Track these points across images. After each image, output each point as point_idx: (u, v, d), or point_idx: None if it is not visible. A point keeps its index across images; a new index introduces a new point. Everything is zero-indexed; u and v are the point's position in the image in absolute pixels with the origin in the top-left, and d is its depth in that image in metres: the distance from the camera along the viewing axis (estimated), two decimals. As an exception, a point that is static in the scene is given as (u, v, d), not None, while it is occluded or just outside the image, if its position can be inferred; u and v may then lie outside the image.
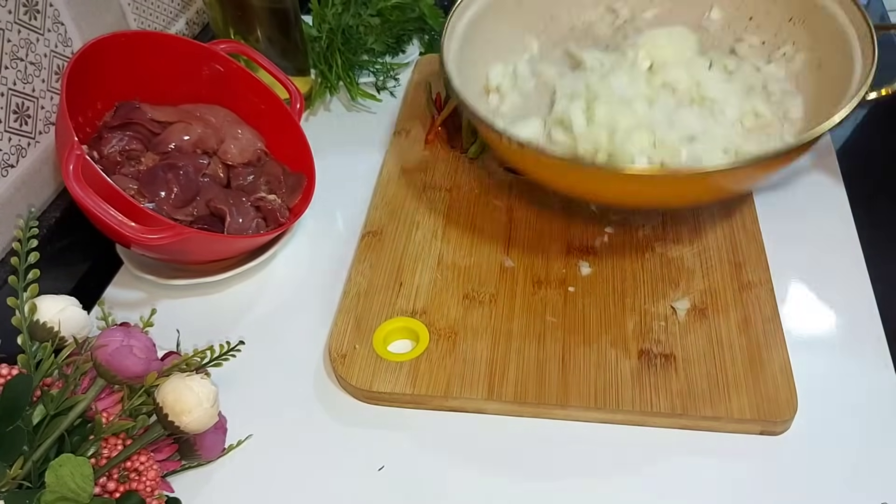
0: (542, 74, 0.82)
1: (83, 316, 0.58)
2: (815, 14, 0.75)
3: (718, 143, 0.71)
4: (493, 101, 0.80)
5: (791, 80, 0.77)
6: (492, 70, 0.80)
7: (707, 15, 0.84)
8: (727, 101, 0.75)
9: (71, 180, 0.61)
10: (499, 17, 0.80)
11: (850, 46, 0.70)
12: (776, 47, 0.80)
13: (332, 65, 0.93)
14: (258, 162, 0.79)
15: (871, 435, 0.59)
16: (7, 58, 0.67)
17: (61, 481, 0.48)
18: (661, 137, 0.70)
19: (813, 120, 0.71)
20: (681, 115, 0.73)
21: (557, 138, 0.74)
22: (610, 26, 0.86)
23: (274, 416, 0.63)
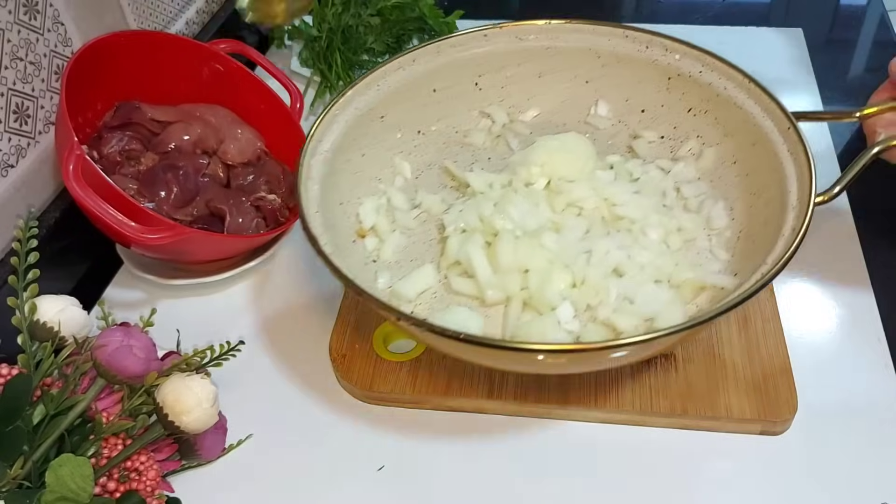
0: (422, 203, 0.71)
1: (83, 316, 0.58)
2: (720, 105, 0.66)
3: (648, 273, 0.61)
4: (370, 245, 0.68)
5: (704, 180, 0.68)
6: (362, 208, 0.69)
7: (593, 111, 0.75)
8: (647, 220, 0.65)
9: (71, 180, 0.61)
10: (360, 143, 0.69)
11: (772, 142, 0.61)
12: (679, 142, 0.70)
13: (331, 64, 0.93)
14: (258, 162, 0.79)
15: (871, 435, 0.59)
16: (7, 58, 0.67)
17: (61, 481, 0.48)
18: (581, 275, 0.61)
19: (742, 227, 0.63)
20: (598, 244, 0.63)
21: (459, 287, 0.64)
22: (488, 134, 0.76)
23: (274, 416, 0.63)
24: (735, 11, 1.11)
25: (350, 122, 0.68)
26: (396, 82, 0.71)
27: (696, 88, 0.68)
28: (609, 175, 0.70)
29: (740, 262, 0.61)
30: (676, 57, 0.68)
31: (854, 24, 1.09)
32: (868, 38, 1.05)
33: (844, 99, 0.91)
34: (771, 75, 0.94)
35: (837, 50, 1.02)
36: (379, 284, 0.65)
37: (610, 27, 0.70)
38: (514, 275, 0.62)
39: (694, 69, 0.67)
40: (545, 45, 0.72)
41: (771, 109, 0.62)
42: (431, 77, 0.73)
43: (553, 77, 0.74)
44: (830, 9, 1.13)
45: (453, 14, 0.99)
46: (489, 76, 0.75)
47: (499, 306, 0.63)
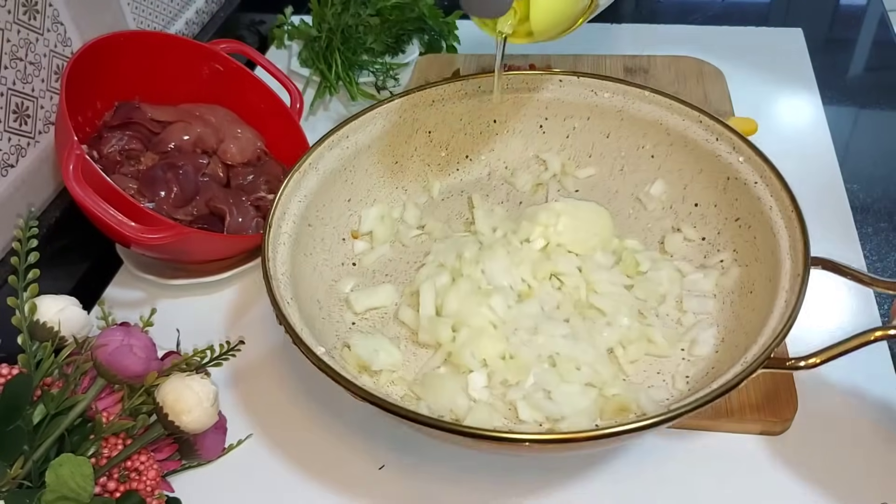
0: (427, 226, 0.71)
1: (83, 315, 0.58)
2: (762, 226, 0.61)
3: (582, 373, 0.58)
4: (358, 247, 0.69)
5: (717, 300, 0.63)
6: (368, 211, 0.70)
7: (648, 188, 0.71)
8: (615, 319, 0.61)
9: (71, 180, 0.61)
10: (397, 150, 0.70)
11: (779, 285, 0.56)
12: (716, 249, 0.66)
13: (331, 64, 0.93)
14: (258, 161, 0.79)
15: (871, 435, 0.59)
16: (7, 58, 0.67)
17: (61, 481, 0.48)
18: (514, 350, 0.59)
19: (718, 365, 0.57)
20: (550, 326, 0.61)
21: (404, 318, 0.64)
22: (534, 178, 0.74)
23: (274, 416, 0.63)
24: (735, 11, 1.11)
25: (390, 128, 0.69)
26: (456, 104, 0.72)
27: (747, 198, 0.63)
28: (608, 260, 0.67)
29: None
30: (741, 159, 0.63)
31: (854, 24, 1.09)
32: (868, 38, 1.05)
33: (844, 99, 0.91)
34: (771, 75, 0.95)
35: (837, 50, 1.02)
36: (341, 284, 0.66)
37: (687, 107, 0.67)
38: (448, 324, 0.61)
39: (751, 178, 0.62)
40: (618, 108, 0.70)
41: (796, 247, 0.57)
42: (495, 108, 0.72)
43: (619, 140, 0.72)
44: (830, 9, 1.13)
45: (453, 14, 0.99)
46: (555, 122, 0.73)
47: (429, 349, 0.62)
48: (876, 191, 0.79)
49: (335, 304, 0.65)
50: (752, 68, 0.94)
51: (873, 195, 0.78)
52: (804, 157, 0.82)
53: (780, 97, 0.91)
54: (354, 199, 0.69)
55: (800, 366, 0.51)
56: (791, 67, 0.96)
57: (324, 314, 0.63)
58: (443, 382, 0.58)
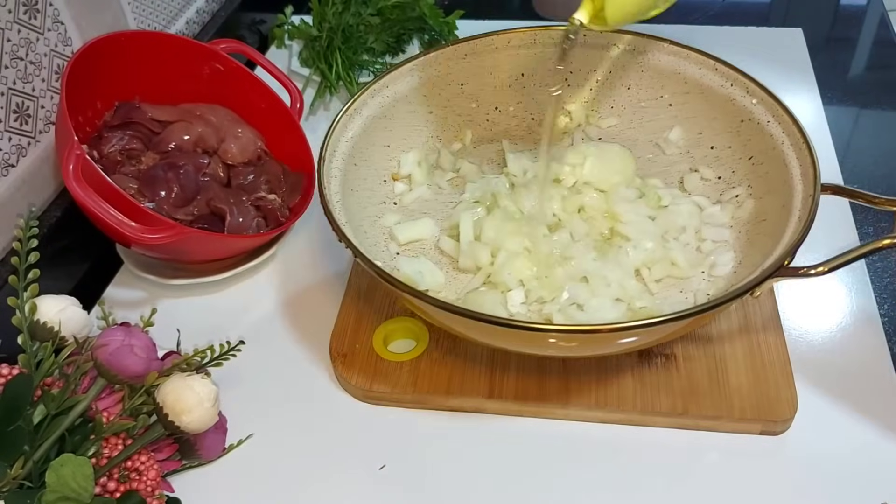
0: (462, 169, 0.76)
1: (83, 316, 0.58)
2: (774, 160, 0.65)
3: (611, 290, 0.63)
4: (398, 188, 0.74)
5: (734, 230, 0.68)
6: (405, 157, 0.74)
7: (667, 134, 0.75)
8: (640, 243, 0.66)
9: (71, 180, 0.61)
10: (431, 101, 0.75)
11: (793, 207, 0.60)
12: (731, 186, 0.70)
13: (332, 64, 0.93)
14: (258, 161, 0.79)
15: (871, 435, 0.59)
16: (7, 57, 0.67)
17: (62, 481, 0.48)
18: (547, 271, 0.64)
19: (737, 283, 0.60)
20: (579, 249, 0.66)
21: (444, 247, 0.70)
22: (560, 128, 0.79)
23: (274, 416, 0.63)
24: (735, 11, 1.11)
25: (425, 80, 0.74)
26: (486, 58, 0.75)
27: (760, 137, 0.67)
28: (632, 194, 0.71)
29: None
30: (754, 101, 0.68)
31: (854, 23, 1.09)
32: (868, 38, 1.05)
33: (844, 99, 0.91)
34: (771, 75, 0.94)
35: (837, 50, 1.02)
36: (384, 220, 0.71)
37: (703, 56, 0.71)
38: (487, 249, 0.66)
39: (764, 117, 0.67)
40: (638, 60, 0.74)
41: (807, 175, 0.61)
42: (522, 63, 0.76)
43: (640, 92, 0.76)
44: (830, 9, 1.13)
45: (453, 14, 0.99)
46: (579, 76, 0.77)
47: (469, 274, 0.68)
48: (876, 190, 0.79)
49: (380, 235, 0.70)
50: (752, 68, 0.94)
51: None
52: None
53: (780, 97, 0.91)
54: (393, 145, 0.74)
55: (810, 273, 0.55)
56: (791, 67, 0.96)
57: (370, 243, 0.67)
58: (484, 298, 0.64)
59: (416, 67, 0.73)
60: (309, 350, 0.67)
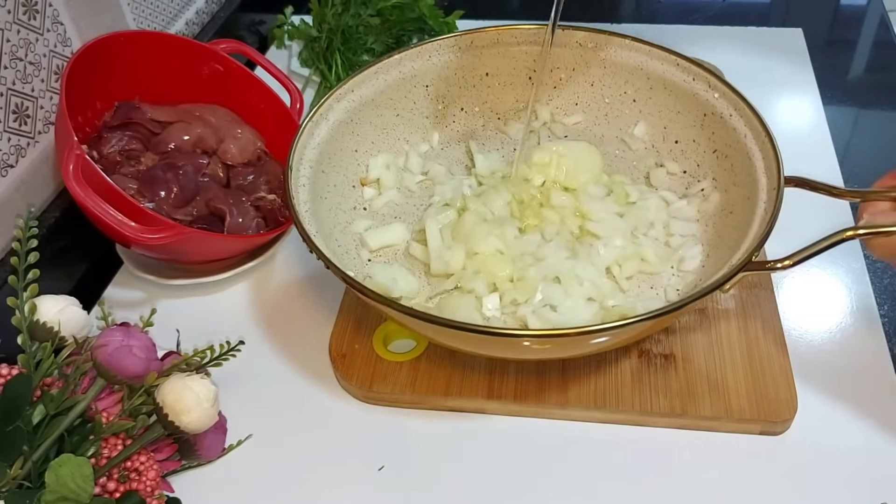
0: (430, 171, 0.76)
1: (83, 316, 0.58)
2: (738, 153, 0.66)
3: (584, 288, 0.63)
4: (367, 193, 0.73)
5: (701, 223, 0.69)
6: (373, 160, 0.74)
7: (632, 130, 0.76)
8: (610, 241, 0.67)
9: (71, 180, 0.61)
10: (398, 104, 0.75)
11: (758, 199, 0.61)
12: (696, 180, 0.71)
13: (331, 65, 0.93)
14: (258, 161, 0.79)
15: (871, 435, 0.59)
16: (6, 58, 0.67)
17: (61, 481, 0.48)
18: (521, 272, 0.64)
19: (706, 277, 0.63)
20: (552, 248, 0.66)
21: (415, 252, 0.69)
22: (525, 127, 0.76)
23: (274, 416, 0.63)
24: (735, 11, 1.11)
25: (391, 82, 0.73)
26: (450, 58, 0.75)
27: (724, 130, 0.68)
28: (601, 191, 0.72)
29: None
30: (716, 95, 0.69)
31: (854, 24, 1.09)
32: (868, 38, 1.05)
33: (844, 99, 0.91)
34: (771, 75, 0.95)
35: (837, 50, 1.02)
36: (355, 226, 0.70)
37: (665, 52, 0.72)
38: (460, 252, 0.66)
39: (726, 111, 0.68)
40: (601, 57, 0.75)
41: (770, 168, 0.62)
42: (487, 61, 0.77)
43: (603, 88, 0.77)
44: (830, 9, 1.13)
45: (453, 14, 0.99)
46: (542, 74, 0.76)
47: (441, 279, 0.67)
48: (876, 191, 0.79)
49: (351, 243, 0.69)
50: (752, 68, 0.94)
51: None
52: (804, 157, 0.81)
53: (780, 97, 0.91)
54: (361, 150, 0.73)
55: (777, 267, 0.55)
56: (791, 67, 0.96)
57: (342, 251, 0.66)
58: (459, 303, 0.63)
59: (380, 70, 0.72)
60: (309, 350, 0.67)
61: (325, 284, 0.73)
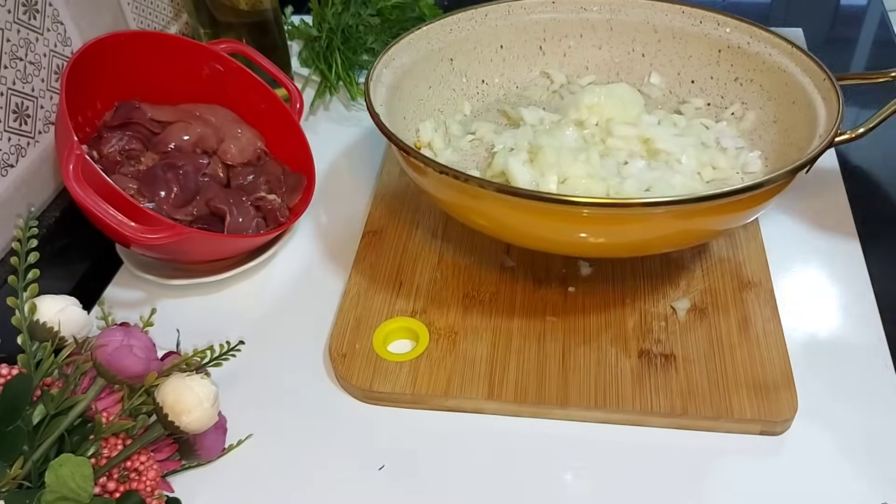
0: (478, 131, 0.78)
1: (83, 316, 0.58)
2: (765, 72, 0.73)
3: (678, 192, 0.66)
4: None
5: (745, 138, 0.74)
6: (422, 126, 0.77)
7: (646, 80, 0.81)
8: (683, 152, 0.71)
9: (71, 180, 0.61)
10: (429, 76, 0.78)
11: (809, 96, 0.68)
12: (723, 108, 0.77)
13: (331, 64, 0.93)
14: (258, 162, 0.79)
15: (871, 435, 0.59)
16: (6, 57, 0.67)
17: (61, 481, 0.48)
18: (616, 189, 0.66)
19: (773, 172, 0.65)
20: (634, 166, 0.69)
21: None
22: (545, 90, 0.84)
23: (274, 417, 0.63)
24: (735, 11, 1.10)
25: (422, 53, 0.76)
26: (468, 31, 0.79)
27: (743, 59, 0.74)
28: (654, 119, 0.76)
29: None
30: (727, 30, 0.75)
31: (854, 24, 1.08)
32: (868, 38, 1.05)
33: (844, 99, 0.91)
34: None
35: (837, 50, 1.02)
36: None
37: (668, 3, 0.78)
38: (552, 178, 0.67)
39: (742, 40, 0.74)
40: (606, 17, 0.80)
41: (809, 68, 0.69)
42: (499, 34, 0.81)
43: (611, 49, 0.82)
44: (830, 9, 1.13)
45: (453, 14, 0.99)
46: (552, 43, 0.83)
47: None
48: (878, 191, 0.79)
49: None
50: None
51: (874, 196, 0.78)
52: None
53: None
54: (408, 117, 0.76)
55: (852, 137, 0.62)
56: (791, 67, 0.96)
57: None
58: None
59: (412, 40, 0.76)
60: (309, 350, 0.67)
61: (325, 284, 0.73)
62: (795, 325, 0.66)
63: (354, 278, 0.71)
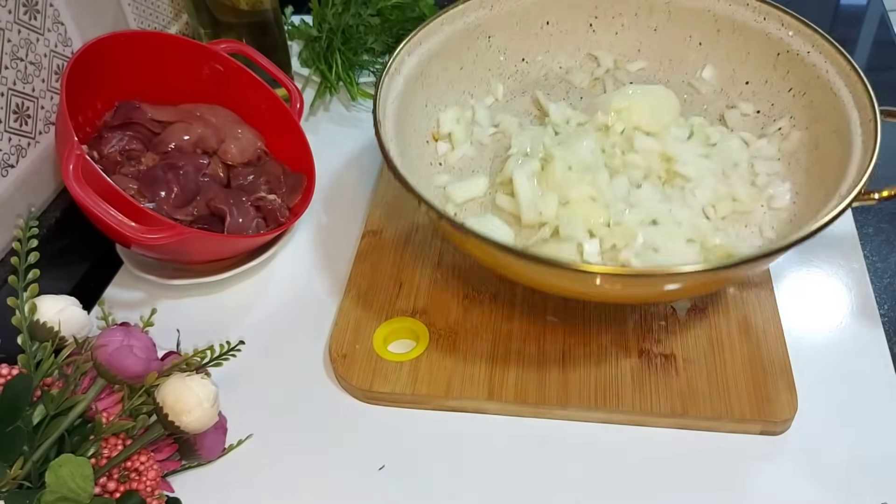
0: (501, 123, 0.75)
1: (83, 316, 0.58)
2: (818, 89, 0.67)
3: (683, 230, 0.64)
4: (441, 148, 0.73)
5: (783, 161, 0.70)
6: (444, 114, 0.74)
7: (699, 73, 0.76)
8: (701, 181, 0.67)
9: (71, 180, 0.61)
10: (461, 55, 0.74)
11: (851, 132, 0.62)
12: (772, 120, 0.72)
13: (332, 65, 0.93)
14: (258, 162, 0.79)
15: (871, 435, 0.59)
16: (7, 58, 0.67)
17: (61, 481, 0.48)
18: (616, 217, 0.64)
19: (799, 212, 0.65)
20: (645, 192, 0.67)
21: (501, 203, 0.68)
22: (589, 76, 0.79)
23: (274, 416, 0.63)
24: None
25: (456, 33, 0.72)
26: (512, 6, 0.75)
27: (800, 68, 0.69)
28: (683, 133, 0.71)
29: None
30: (790, 33, 0.69)
31: (854, 24, 1.08)
32: (868, 38, 1.05)
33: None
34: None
35: (837, 50, 1.02)
36: (436, 181, 0.70)
37: None
38: (553, 200, 0.65)
39: (803, 48, 0.68)
40: (665, 0, 0.75)
41: (860, 100, 0.62)
42: (547, 9, 0.76)
43: (667, 33, 0.76)
44: (830, 9, 1.13)
45: (453, 14, 0.99)
46: (604, 20, 0.77)
47: (532, 229, 0.66)
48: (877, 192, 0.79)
49: (435, 198, 0.67)
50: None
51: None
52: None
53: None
54: (430, 104, 0.73)
55: (881, 197, 0.59)
56: (791, 67, 0.96)
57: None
58: (559, 250, 0.63)
59: (446, 21, 0.72)
60: (309, 350, 0.67)
61: (325, 284, 0.73)
62: (795, 326, 0.66)
63: (354, 278, 0.71)
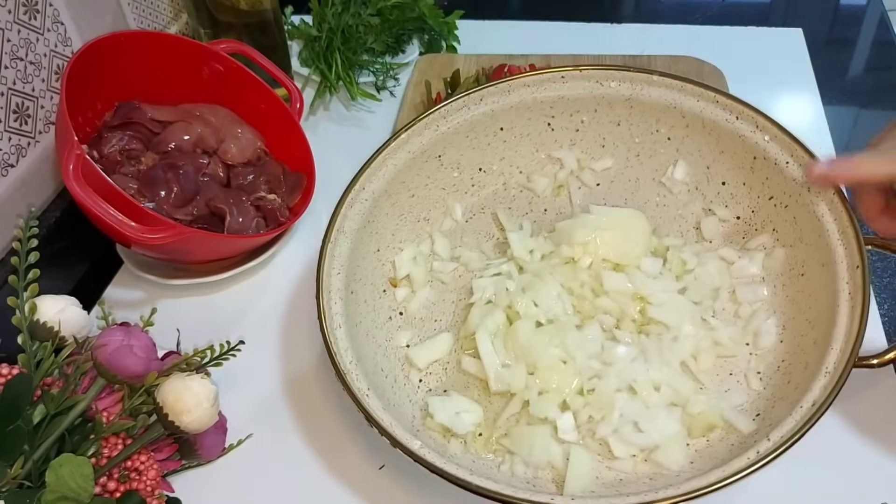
0: (462, 257, 0.69)
1: (83, 315, 0.58)
2: (801, 207, 0.60)
3: (663, 395, 0.58)
4: (400, 295, 0.66)
5: (768, 284, 0.63)
6: (399, 257, 0.67)
7: (671, 171, 0.68)
8: (680, 329, 0.60)
9: (71, 180, 0.61)
10: (410, 183, 0.67)
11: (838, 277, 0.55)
12: (753, 229, 0.65)
13: (331, 64, 0.93)
14: (258, 161, 0.79)
15: (871, 435, 0.59)
16: (7, 57, 0.67)
17: (62, 481, 0.48)
18: (591, 382, 0.58)
19: (787, 356, 0.58)
20: (619, 351, 0.60)
21: (467, 367, 0.62)
22: (552, 180, 0.71)
23: (274, 416, 0.63)
24: (735, 11, 1.11)
25: (401, 165, 0.66)
26: (459, 122, 0.68)
27: (780, 178, 0.61)
28: (656, 266, 0.64)
29: (769, 401, 0.57)
30: (766, 138, 0.61)
31: (854, 23, 1.09)
32: (868, 38, 1.05)
33: (844, 99, 0.91)
34: (771, 75, 0.95)
35: (837, 50, 1.02)
36: (396, 341, 0.64)
37: (700, 88, 0.64)
38: (521, 370, 0.59)
39: (781, 158, 0.61)
40: (626, 96, 0.67)
41: (848, 236, 0.55)
42: (499, 116, 0.69)
43: (631, 127, 0.69)
44: (830, 9, 1.13)
45: (453, 14, 0.99)
46: (562, 118, 0.70)
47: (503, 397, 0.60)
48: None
49: (397, 365, 0.62)
50: (752, 68, 0.94)
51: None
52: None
53: (780, 97, 0.91)
54: (383, 248, 0.67)
55: (872, 363, 0.52)
56: (791, 67, 0.96)
57: (390, 381, 0.60)
58: (532, 436, 0.57)
59: (388, 155, 0.65)
60: (309, 350, 0.67)
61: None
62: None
63: (354, 278, 0.70)
